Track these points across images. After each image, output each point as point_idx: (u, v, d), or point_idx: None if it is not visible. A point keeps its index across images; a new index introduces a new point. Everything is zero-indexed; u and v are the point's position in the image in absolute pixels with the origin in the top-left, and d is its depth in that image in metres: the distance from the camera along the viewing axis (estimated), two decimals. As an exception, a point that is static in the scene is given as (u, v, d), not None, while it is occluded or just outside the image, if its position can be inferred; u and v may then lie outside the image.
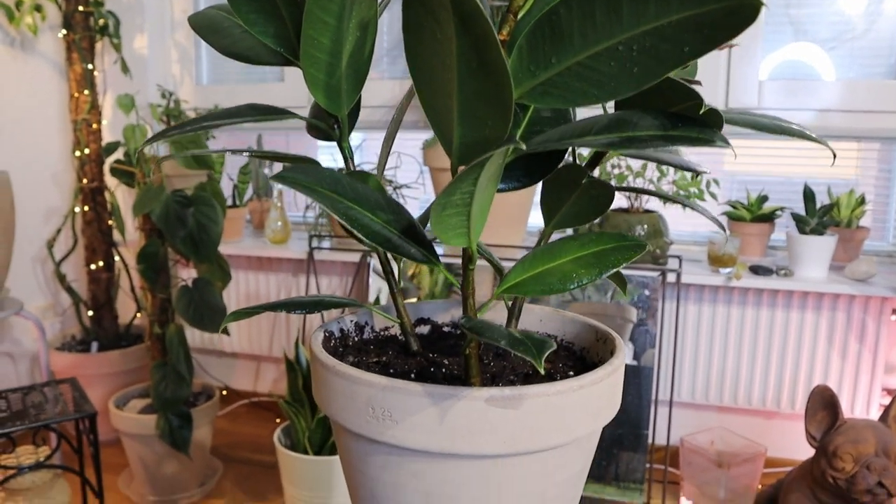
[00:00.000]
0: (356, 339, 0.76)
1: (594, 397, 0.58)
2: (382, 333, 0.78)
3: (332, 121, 0.69)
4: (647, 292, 1.97)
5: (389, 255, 0.72)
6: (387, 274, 0.71)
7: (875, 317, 2.00)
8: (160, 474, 2.07)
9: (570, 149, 0.68)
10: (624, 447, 2.02)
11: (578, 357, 0.74)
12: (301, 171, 0.60)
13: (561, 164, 0.65)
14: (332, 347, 0.72)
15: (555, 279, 0.58)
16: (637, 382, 2.00)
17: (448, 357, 0.69)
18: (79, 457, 1.84)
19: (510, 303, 0.68)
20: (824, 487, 1.59)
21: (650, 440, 2.05)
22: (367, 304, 0.71)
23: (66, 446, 2.30)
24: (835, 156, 0.61)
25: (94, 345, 2.44)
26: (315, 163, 0.66)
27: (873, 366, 2.04)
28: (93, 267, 2.47)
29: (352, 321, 0.77)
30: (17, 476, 1.68)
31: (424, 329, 0.80)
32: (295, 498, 1.83)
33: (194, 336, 2.62)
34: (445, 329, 0.80)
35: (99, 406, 2.32)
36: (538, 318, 0.78)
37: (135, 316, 2.57)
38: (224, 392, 2.74)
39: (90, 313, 2.51)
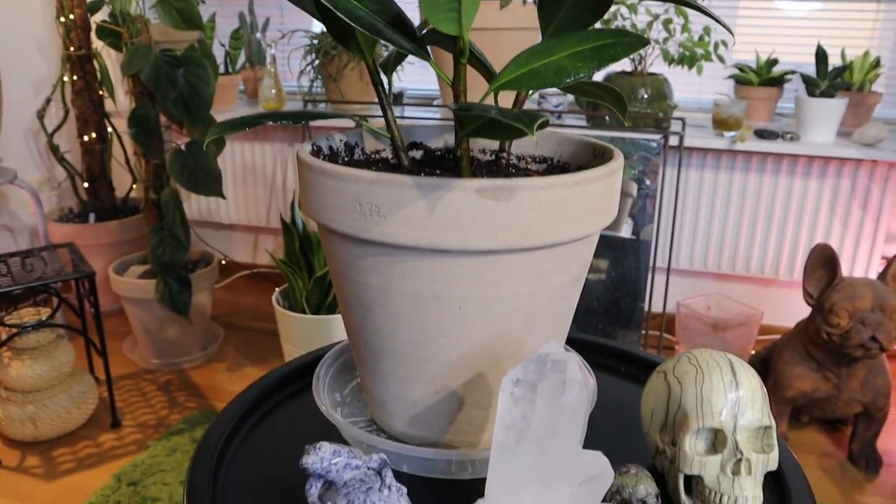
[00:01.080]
0: (346, 159, 0.73)
1: (589, 197, 0.56)
2: (374, 156, 0.75)
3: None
4: (647, 181, 1.93)
5: (380, 68, 0.69)
6: (376, 86, 0.67)
7: (880, 184, 1.97)
8: (162, 338, 2.10)
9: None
10: (620, 322, 2.04)
11: (576, 176, 0.71)
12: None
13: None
14: (320, 163, 0.70)
15: (551, 73, 0.55)
16: (636, 253, 2.00)
17: (440, 170, 0.67)
18: (81, 319, 1.86)
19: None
20: (817, 344, 1.61)
21: (646, 308, 2.07)
22: (359, 119, 0.68)
23: (69, 313, 2.33)
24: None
25: (92, 216, 2.43)
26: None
27: (874, 234, 2.02)
28: (86, 138, 2.43)
29: (342, 140, 0.74)
30: (21, 335, 1.70)
31: (417, 154, 0.77)
32: (294, 357, 1.86)
33: (191, 208, 2.60)
34: (438, 153, 0.77)
35: (99, 276, 2.33)
36: (534, 139, 0.75)
37: (131, 188, 2.55)
38: (223, 262, 2.75)
39: (86, 185, 2.48)
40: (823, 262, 1.57)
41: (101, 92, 2.38)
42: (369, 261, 0.57)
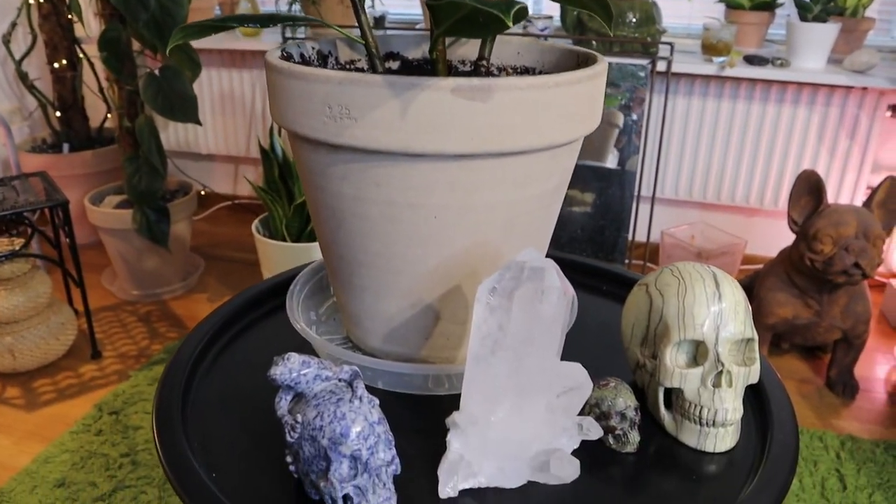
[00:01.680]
0: (318, 66, 0.69)
1: (571, 100, 0.53)
2: (348, 66, 0.72)
3: None
4: (634, 115, 1.89)
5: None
6: (348, -12, 0.63)
7: (869, 113, 1.95)
8: (142, 269, 2.07)
9: None
10: (604, 251, 2.03)
11: (558, 86, 0.68)
12: None
13: None
14: (289, 71, 0.66)
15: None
16: (620, 183, 1.98)
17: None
18: (57, 249, 1.83)
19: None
20: (800, 271, 1.61)
21: (630, 237, 2.06)
22: (332, 24, 0.64)
23: (46, 245, 2.29)
24: None
25: (66, 146, 2.36)
26: None
27: (861, 164, 2.01)
28: (56, 65, 2.34)
29: (314, 48, 0.70)
30: (-5, 266, 1.66)
31: (394, 65, 0.74)
32: (277, 288, 1.84)
33: (169, 138, 2.54)
34: (416, 63, 0.74)
35: (75, 208, 2.28)
36: (515, 49, 0.71)
37: (105, 117, 2.48)
38: (203, 193, 2.70)
39: (58, 115, 2.41)
40: (809, 189, 1.56)
41: (69, 16, 2.29)
42: (340, 168, 0.54)
